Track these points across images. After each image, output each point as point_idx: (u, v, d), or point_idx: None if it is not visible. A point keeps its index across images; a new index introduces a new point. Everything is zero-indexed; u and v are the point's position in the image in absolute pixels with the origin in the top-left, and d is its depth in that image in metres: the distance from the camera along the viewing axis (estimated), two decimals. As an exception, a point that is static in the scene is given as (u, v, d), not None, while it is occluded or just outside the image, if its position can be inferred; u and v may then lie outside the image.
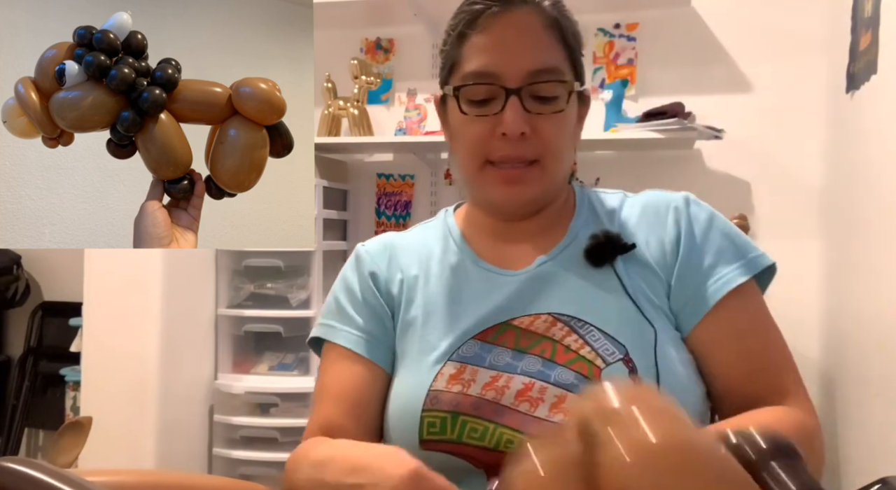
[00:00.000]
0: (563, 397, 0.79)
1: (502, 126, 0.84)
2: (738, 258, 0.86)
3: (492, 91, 0.85)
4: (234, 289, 2.51)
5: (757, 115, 2.42)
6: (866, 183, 1.80)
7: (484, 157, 0.87)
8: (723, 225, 0.89)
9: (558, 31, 0.87)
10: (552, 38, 0.86)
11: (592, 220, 0.92)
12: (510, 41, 0.85)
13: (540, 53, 0.85)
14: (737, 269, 0.85)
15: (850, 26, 1.99)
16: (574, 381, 0.79)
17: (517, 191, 0.87)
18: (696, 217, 0.88)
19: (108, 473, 0.59)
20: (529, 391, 0.80)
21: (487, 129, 0.86)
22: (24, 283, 2.93)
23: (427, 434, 0.82)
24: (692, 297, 0.85)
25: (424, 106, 2.66)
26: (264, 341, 2.53)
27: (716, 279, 0.84)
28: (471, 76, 0.86)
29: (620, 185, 1.03)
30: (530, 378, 0.80)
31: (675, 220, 0.88)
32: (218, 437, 2.48)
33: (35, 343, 2.94)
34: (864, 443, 1.69)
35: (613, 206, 0.94)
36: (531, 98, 0.84)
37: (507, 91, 0.84)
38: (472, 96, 0.86)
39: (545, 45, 0.86)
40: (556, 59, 0.86)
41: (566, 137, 0.88)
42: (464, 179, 0.93)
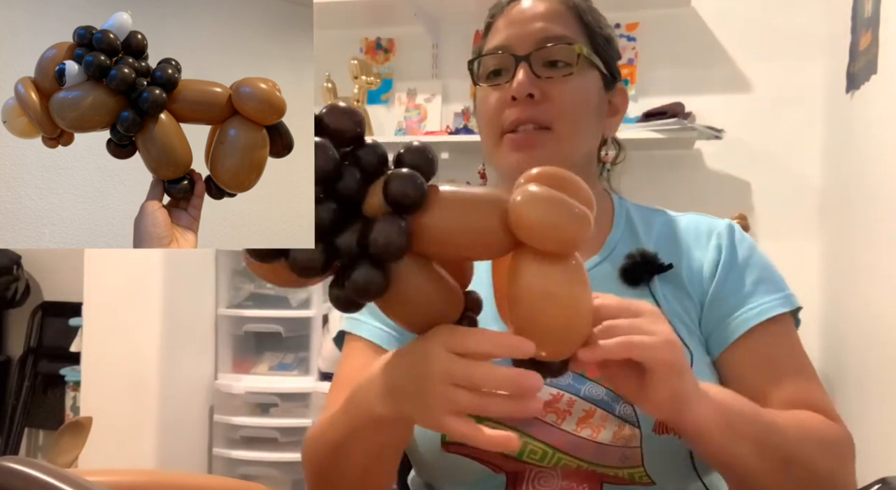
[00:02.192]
0: (591, 412, 0.78)
1: (511, 90, 0.84)
2: (778, 291, 0.85)
3: (503, 61, 0.86)
4: (234, 289, 2.51)
5: (757, 115, 2.43)
6: (866, 183, 1.80)
7: (499, 126, 0.87)
8: (763, 257, 0.88)
9: (574, 11, 0.88)
10: (567, 15, 0.87)
11: (629, 236, 0.90)
12: (524, 18, 0.87)
13: (550, 24, 0.86)
14: (776, 301, 0.84)
15: (850, 26, 1.99)
16: (605, 397, 0.78)
17: (529, 156, 0.85)
18: (740, 243, 0.88)
19: (108, 473, 0.59)
20: (557, 403, 0.78)
21: (501, 97, 0.86)
22: (24, 283, 2.93)
23: (450, 437, 0.80)
24: (726, 320, 0.83)
25: (424, 106, 2.66)
26: (264, 341, 2.53)
27: (755, 306, 0.83)
28: (485, 51, 0.88)
29: (620, 184, 1.03)
30: (559, 390, 0.79)
31: (716, 244, 0.87)
32: (218, 437, 2.48)
33: (35, 343, 2.94)
34: (864, 443, 1.69)
35: (653, 222, 0.92)
36: (541, 65, 0.85)
37: (517, 58, 0.85)
38: (487, 69, 0.88)
39: (557, 18, 0.87)
40: (568, 31, 0.86)
41: (581, 105, 0.87)
42: (486, 157, 0.92)
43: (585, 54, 0.86)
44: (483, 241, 0.54)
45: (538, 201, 0.51)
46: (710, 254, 0.87)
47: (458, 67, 2.70)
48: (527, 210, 0.51)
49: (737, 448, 0.68)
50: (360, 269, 0.52)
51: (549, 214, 0.51)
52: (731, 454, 0.69)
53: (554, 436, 0.77)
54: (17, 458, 0.44)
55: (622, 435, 0.77)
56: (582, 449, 0.77)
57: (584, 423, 0.78)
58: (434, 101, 2.67)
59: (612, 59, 0.91)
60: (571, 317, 0.54)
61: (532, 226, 0.51)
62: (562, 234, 0.51)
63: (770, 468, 0.70)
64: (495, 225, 0.53)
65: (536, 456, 0.78)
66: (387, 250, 0.52)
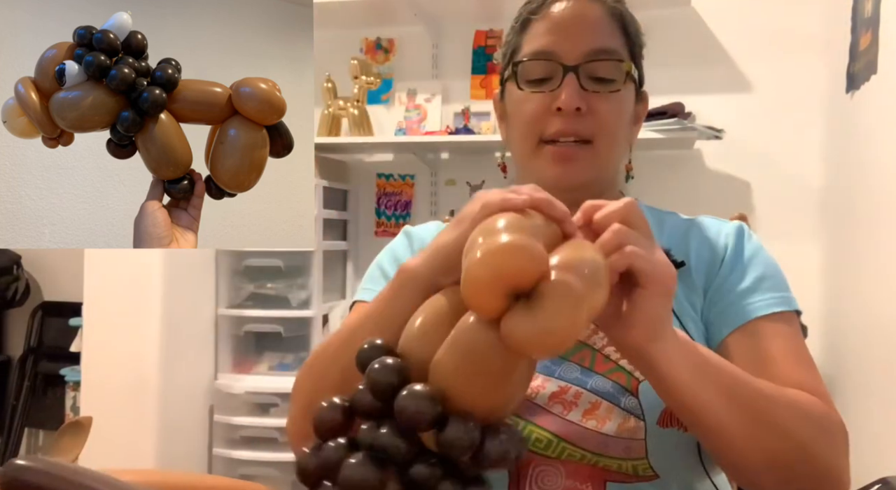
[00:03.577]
0: (597, 404, 0.78)
1: (558, 101, 0.84)
2: (778, 291, 0.84)
3: (550, 69, 0.85)
4: (234, 289, 2.51)
5: (757, 115, 2.43)
6: (866, 183, 1.80)
7: (538, 134, 0.86)
8: (769, 257, 0.88)
9: (620, 21, 0.87)
10: (613, 26, 0.87)
11: None
12: (571, 24, 0.85)
13: (599, 35, 0.85)
14: (775, 299, 0.83)
15: (850, 26, 1.99)
16: (611, 390, 0.78)
17: (569, 170, 0.85)
18: (748, 241, 0.88)
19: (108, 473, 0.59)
20: (564, 394, 0.79)
21: (543, 105, 0.85)
22: (24, 283, 2.93)
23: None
24: (730, 307, 0.83)
25: (424, 106, 2.66)
26: (264, 341, 2.53)
27: (755, 301, 0.83)
28: (530, 55, 0.87)
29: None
30: (566, 383, 0.79)
31: (725, 242, 0.88)
32: (218, 437, 2.48)
33: (35, 343, 2.94)
34: (864, 443, 1.69)
35: (665, 222, 0.92)
36: (588, 78, 0.84)
37: (565, 68, 0.84)
38: (530, 74, 0.86)
39: (605, 29, 0.86)
40: (616, 44, 0.86)
41: (621, 122, 0.87)
42: (517, 162, 0.91)
43: (632, 73, 0.87)
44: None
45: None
46: (718, 247, 0.87)
47: (458, 67, 2.70)
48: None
49: (705, 394, 0.65)
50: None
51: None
52: (700, 401, 0.65)
53: (559, 425, 0.78)
54: (38, 457, 0.44)
55: (627, 426, 0.77)
56: (586, 439, 0.77)
57: (590, 414, 0.78)
58: (434, 101, 2.67)
59: (642, 66, 0.91)
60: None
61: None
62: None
63: (741, 424, 0.67)
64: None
65: (541, 444, 0.78)
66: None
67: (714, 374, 0.67)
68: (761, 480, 0.69)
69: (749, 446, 0.67)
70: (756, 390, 0.69)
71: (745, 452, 0.68)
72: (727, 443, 0.68)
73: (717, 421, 0.66)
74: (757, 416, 0.68)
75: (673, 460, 0.78)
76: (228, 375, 2.51)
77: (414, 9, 2.55)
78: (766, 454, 0.68)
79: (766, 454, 0.68)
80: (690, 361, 0.65)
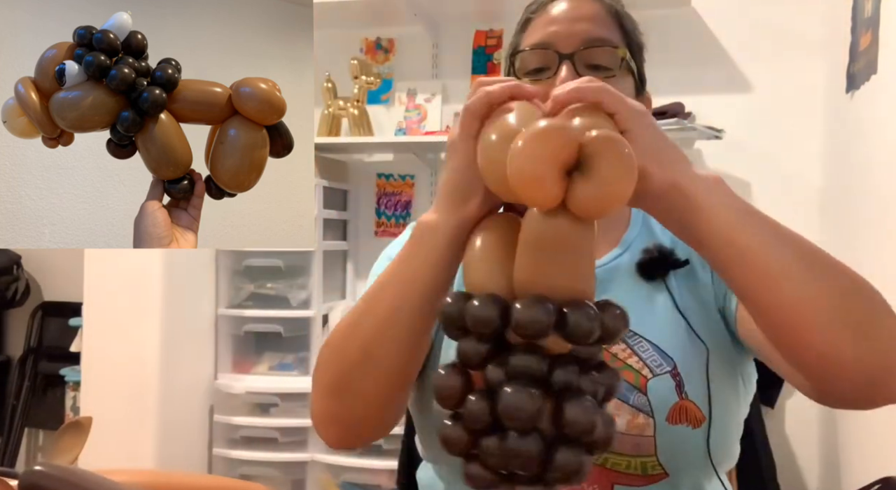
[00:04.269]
0: None
1: (553, 87, 0.84)
2: None
3: (547, 58, 0.85)
4: (234, 289, 2.51)
5: (757, 115, 2.42)
6: (866, 183, 1.80)
7: None
8: None
9: (616, 17, 0.88)
10: (610, 20, 0.87)
11: (646, 233, 0.91)
12: (568, 17, 0.86)
13: (595, 27, 0.86)
14: None
15: (850, 26, 1.99)
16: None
17: None
18: None
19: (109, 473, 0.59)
20: None
21: (541, 94, 0.86)
22: (24, 283, 2.93)
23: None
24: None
25: (424, 106, 2.66)
26: (264, 341, 2.53)
27: None
28: (528, 47, 0.88)
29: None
30: None
31: None
32: (218, 437, 2.48)
33: (35, 343, 2.94)
34: (864, 443, 1.69)
35: None
36: (584, 65, 0.85)
37: (561, 56, 0.84)
38: (528, 65, 0.87)
39: (602, 22, 0.86)
40: (612, 36, 0.87)
41: None
42: None
43: (627, 59, 0.87)
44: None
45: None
46: None
47: (458, 67, 2.70)
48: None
49: (754, 233, 0.60)
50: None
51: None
52: (748, 245, 0.60)
53: None
54: (55, 464, 0.44)
55: (636, 423, 0.77)
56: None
57: None
58: (434, 101, 2.67)
59: (643, 66, 0.91)
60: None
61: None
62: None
63: (798, 266, 0.61)
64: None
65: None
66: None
67: (760, 215, 0.64)
68: (831, 333, 0.60)
69: (810, 292, 0.60)
70: (807, 241, 0.64)
71: (807, 295, 0.60)
72: (785, 287, 0.60)
73: (768, 264, 0.61)
74: (809, 253, 0.63)
75: (682, 458, 0.78)
76: (228, 375, 2.51)
77: (414, 9, 2.55)
78: (830, 294, 0.61)
79: (829, 294, 0.61)
80: (732, 202, 0.63)
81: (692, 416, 0.78)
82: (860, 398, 0.65)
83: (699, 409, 0.78)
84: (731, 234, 0.61)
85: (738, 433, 0.85)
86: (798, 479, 2.33)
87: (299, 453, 2.37)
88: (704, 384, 0.79)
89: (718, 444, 0.80)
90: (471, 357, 0.48)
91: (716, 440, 0.79)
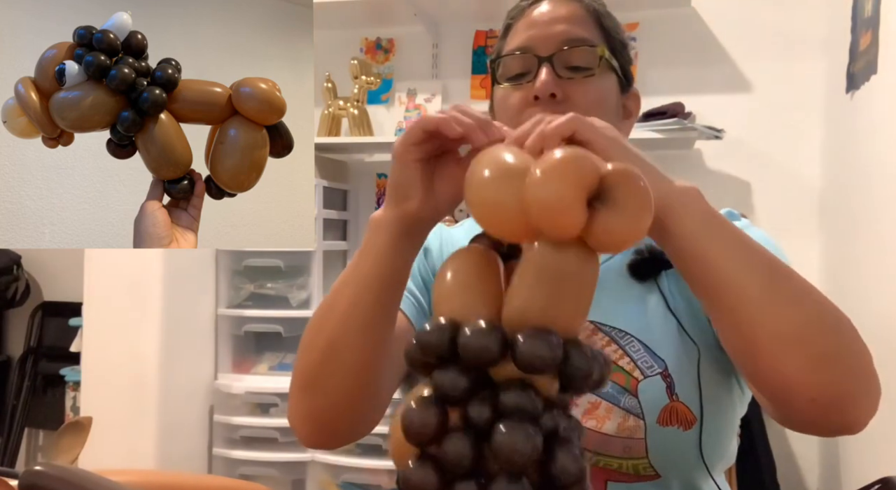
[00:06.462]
0: (596, 404, 0.79)
1: (534, 90, 0.84)
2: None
3: (527, 63, 0.86)
4: (234, 289, 2.51)
5: (757, 115, 2.43)
6: (866, 183, 1.80)
7: (520, 125, 0.87)
8: (770, 240, 0.88)
9: (595, 17, 0.88)
10: (588, 20, 0.87)
11: None
12: (546, 20, 0.87)
13: (572, 27, 0.86)
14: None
15: (850, 26, 1.99)
16: (610, 390, 0.79)
17: None
18: (748, 228, 0.87)
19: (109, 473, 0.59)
20: None
21: (523, 97, 0.86)
22: (24, 283, 2.93)
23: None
24: None
25: (424, 106, 2.66)
26: (264, 341, 2.53)
27: None
28: (507, 52, 0.88)
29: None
30: None
31: None
32: (218, 437, 2.48)
33: (35, 343, 2.94)
34: (864, 443, 1.69)
35: None
36: (563, 67, 0.85)
37: (540, 59, 0.85)
38: (510, 71, 0.87)
39: (579, 22, 0.87)
40: (591, 35, 0.87)
41: (602, 109, 0.87)
42: None
43: (606, 57, 0.87)
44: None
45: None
46: None
47: (458, 67, 2.70)
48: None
49: (716, 243, 0.62)
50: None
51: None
52: (708, 252, 0.62)
53: None
54: (55, 464, 0.44)
55: (626, 426, 0.78)
56: (586, 438, 0.77)
57: (590, 414, 0.79)
58: (434, 101, 2.67)
59: (627, 64, 0.91)
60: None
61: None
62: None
63: (759, 282, 0.62)
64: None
65: None
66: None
67: (730, 230, 0.65)
68: (786, 359, 0.61)
69: (769, 309, 0.62)
70: (782, 265, 0.65)
71: (764, 318, 0.62)
72: (744, 305, 0.62)
73: (728, 276, 0.62)
74: (775, 274, 0.64)
75: (673, 459, 0.79)
76: (228, 375, 2.51)
77: (414, 9, 2.55)
78: (789, 319, 0.62)
79: (788, 319, 0.62)
80: (699, 207, 0.66)
81: (683, 417, 0.78)
82: (817, 424, 0.68)
83: (690, 411, 0.79)
84: (694, 243, 0.63)
85: (732, 433, 0.85)
86: (798, 479, 2.33)
87: (299, 453, 2.37)
88: (696, 385, 0.79)
89: (711, 445, 0.80)
90: (449, 391, 0.42)
91: (708, 441, 0.79)
